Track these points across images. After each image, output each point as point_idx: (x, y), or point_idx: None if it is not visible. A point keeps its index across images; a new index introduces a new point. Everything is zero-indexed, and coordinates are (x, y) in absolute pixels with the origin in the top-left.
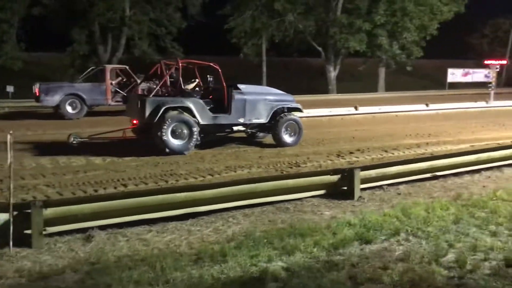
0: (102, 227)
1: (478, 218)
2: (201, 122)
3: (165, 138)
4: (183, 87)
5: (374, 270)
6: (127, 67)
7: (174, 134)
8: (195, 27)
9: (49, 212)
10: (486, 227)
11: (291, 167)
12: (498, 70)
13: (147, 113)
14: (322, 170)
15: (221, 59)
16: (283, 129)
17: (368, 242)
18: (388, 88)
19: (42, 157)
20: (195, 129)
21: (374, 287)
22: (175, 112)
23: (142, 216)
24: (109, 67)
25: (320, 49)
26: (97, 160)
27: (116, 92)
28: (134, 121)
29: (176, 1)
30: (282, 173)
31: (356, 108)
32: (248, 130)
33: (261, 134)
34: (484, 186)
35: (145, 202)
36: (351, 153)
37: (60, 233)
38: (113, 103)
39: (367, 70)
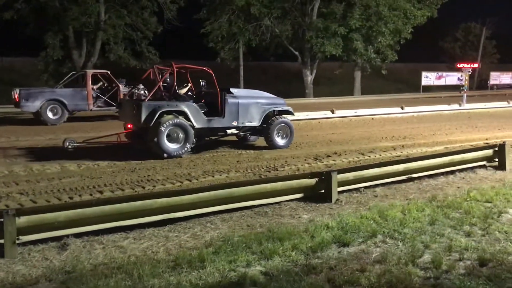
0: (77, 235)
1: (453, 218)
2: (196, 125)
3: (161, 142)
4: (177, 91)
5: (352, 273)
6: (109, 72)
7: (169, 137)
8: (171, 31)
9: (22, 220)
10: (461, 227)
11: (269, 171)
12: (470, 73)
13: (143, 117)
14: (300, 174)
15: (198, 63)
16: (275, 132)
17: (345, 244)
18: (364, 92)
19: (15, 164)
20: (190, 133)
21: None
22: (170, 116)
23: (119, 223)
24: (90, 72)
25: (296, 53)
26: (72, 166)
27: (97, 97)
28: (129, 126)
29: (152, 6)
30: (260, 177)
31: (332, 112)
32: (241, 133)
33: (252, 137)
34: (458, 187)
35: (122, 209)
36: (328, 156)
37: (34, 242)
38: (94, 108)
39: (343, 74)
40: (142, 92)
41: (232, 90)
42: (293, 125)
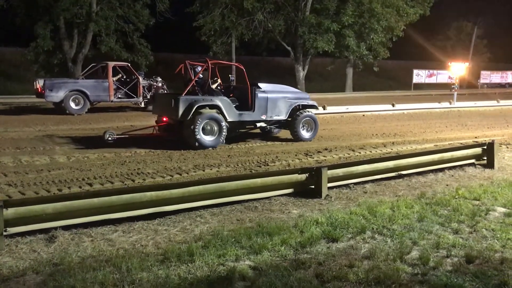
0: (66, 227)
1: (441, 216)
2: (228, 119)
3: (198, 135)
4: (211, 86)
5: (340, 268)
6: (129, 64)
7: (204, 130)
8: (163, 24)
9: (10, 212)
10: (449, 224)
11: (259, 166)
12: (461, 72)
13: (181, 111)
14: (290, 169)
15: (190, 57)
16: (300, 125)
17: (334, 240)
18: (356, 88)
19: (3, 155)
20: (224, 126)
21: (340, 285)
22: (206, 110)
23: (108, 216)
24: (111, 64)
25: (289, 48)
26: (62, 158)
27: (118, 88)
28: (164, 119)
29: None
30: (251, 172)
31: (324, 108)
32: (268, 126)
33: (275, 130)
34: (447, 185)
35: (111, 202)
36: (318, 152)
37: (21, 234)
38: (115, 100)
39: (335, 70)
40: (160, 84)
41: (260, 85)
42: (317, 119)
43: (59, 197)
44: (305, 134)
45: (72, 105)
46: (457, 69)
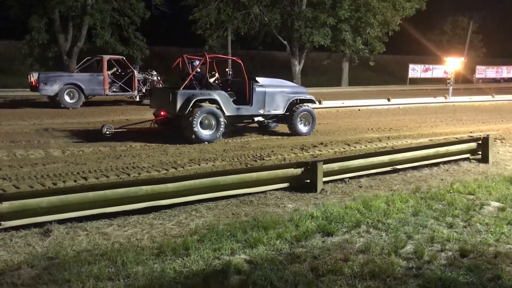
0: (61, 221)
1: (436, 210)
2: (226, 113)
3: (195, 127)
4: (208, 80)
5: (335, 262)
6: (124, 58)
7: (202, 124)
8: (159, 17)
9: (5, 206)
10: (443, 219)
11: (255, 160)
12: (457, 67)
13: (179, 105)
14: (286, 163)
15: (186, 50)
16: (298, 120)
17: (330, 234)
18: (352, 83)
19: None
20: (222, 120)
21: (335, 279)
22: (204, 104)
23: (103, 210)
24: (106, 57)
25: (285, 42)
26: (56, 152)
27: (112, 82)
28: (162, 113)
29: None
30: (246, 166)
31: (320, 102)
32: (266, 121)
33: (273, 124)
34: (442, 179)
35: (106, 196)
36: (314, 146)
37: (16, 228)
38: (110, 93)
39: (331, 64)
40: (155, 78)
41: (258, 79)
42: (315, 113)
43: (54, 191)
44: (302, 128)
45: (67, 98)
46: (452, 64)
